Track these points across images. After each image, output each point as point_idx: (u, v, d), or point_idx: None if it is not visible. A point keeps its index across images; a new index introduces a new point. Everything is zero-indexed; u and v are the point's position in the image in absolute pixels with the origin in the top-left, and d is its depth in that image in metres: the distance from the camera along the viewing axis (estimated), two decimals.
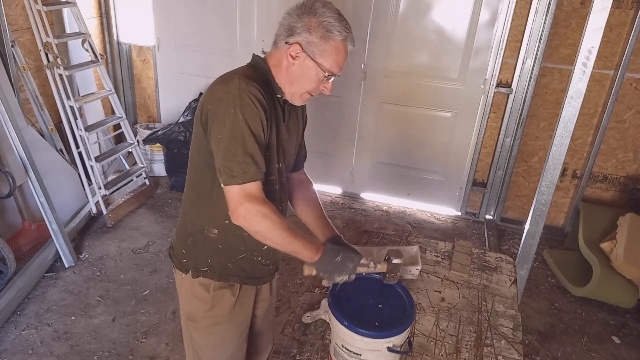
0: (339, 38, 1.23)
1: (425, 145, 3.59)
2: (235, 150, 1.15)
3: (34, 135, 3.01)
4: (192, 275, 1.40)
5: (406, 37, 3.31)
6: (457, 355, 1.39)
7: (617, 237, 2.85)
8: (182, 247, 1.41)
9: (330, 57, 1.25)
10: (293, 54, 1.24)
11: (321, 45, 1.23)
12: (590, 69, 1.82)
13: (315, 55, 1.24)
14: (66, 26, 3.37)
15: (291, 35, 1.24)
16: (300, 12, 1.24)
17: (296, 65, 1.26)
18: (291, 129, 1.41)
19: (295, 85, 1.29)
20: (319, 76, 1.27)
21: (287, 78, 1.29)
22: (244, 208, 1.17)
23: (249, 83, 1.20)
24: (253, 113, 1.17)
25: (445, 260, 1.82)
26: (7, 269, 2.62)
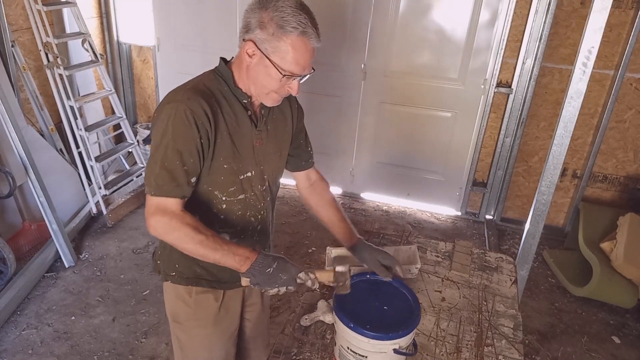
0: (295, 33, 1.13)
1: (425, 145, 3.59)
2: (155, 163, 1.15)
3: (34, 135, 3.01)
4: (163, 279, 1.41)
5: (406, 37, 3.31)
6: (457, 355, 1.38)
7: (617, 237, 2.85)
8: (157, 250, 1.43)
9: (286, 55, 1.15)
10: (249, 52, 1.17)
11: (274, 42, 1.14)
12: (590, 69, 1.82)
13: (269, 53, 1.16)
14: (66, 26, 3.37)
15: (247, 32, 1.17)
16: (257, 6, 1.16)
17: (254, 64, 1.19)
18: (271, 133, 1.34)
19: (257, 86, 1.22)
20: (278, 76, 1.18)
21: (248, 79, 1.23)
22: (153, 219, 1.16)
23: (192, 97, 1.15)
24: (184, 130, 1.14)
25: (446, 260, 1.82)
26: (7, 269, 2.62)
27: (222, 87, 1.24)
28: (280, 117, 1.39)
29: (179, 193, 1.17)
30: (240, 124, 1.26)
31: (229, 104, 1.24)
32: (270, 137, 1.35)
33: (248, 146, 1.28)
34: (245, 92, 1.25)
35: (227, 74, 1.25)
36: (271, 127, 1.35)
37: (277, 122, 1.37)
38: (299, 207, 3.63)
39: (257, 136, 1.30)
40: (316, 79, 4.02)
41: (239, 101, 1.25)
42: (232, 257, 1.17)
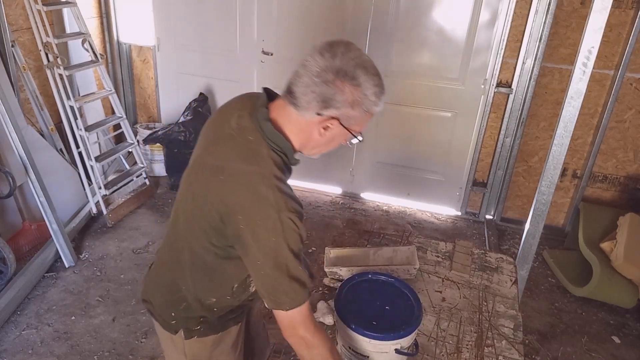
0: (380, 107, 1.10)
1: (425, 145, 3.59)
2: (280, 280, 1.06)
3: (34, 135, 3.01)
4: (184, 337, 1.28)
5: (406, 37, 3.31)
6: (457, 355, 1.39)
7: (617, 237, 2.85)
8: (170, 310, 1.28)
9: (365, 122, 1.12)
10: (328, 125, 1.08)
11: (361, 116, 1.09)
12: (590, 69, 1.82)
13: (351, 125, 1.09)
14: (66, 26, 3.37)
15: (326, 108, 1.05)
16: (335, 77, 1.04)
17: (328, 134, 1.11)
18: None
19: (320, 148, 1.16)
20: (348, 139, 1.14)
21: (310, 145, 1.14)
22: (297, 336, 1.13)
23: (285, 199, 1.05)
24: (295, 236, 1.05)
25: (446, 261, 1.82)
26: (7, 269, 2.62)
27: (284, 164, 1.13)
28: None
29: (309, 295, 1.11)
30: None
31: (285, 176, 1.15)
32: None
33: None
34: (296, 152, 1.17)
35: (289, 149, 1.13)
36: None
37: None
38: None
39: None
40: None
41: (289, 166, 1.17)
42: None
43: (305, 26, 3.45)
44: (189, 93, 3.87)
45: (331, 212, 3.62)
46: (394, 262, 1.71)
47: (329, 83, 1.04)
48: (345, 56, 1.07)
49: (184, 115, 3.68)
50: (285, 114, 1.11)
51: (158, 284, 1.32)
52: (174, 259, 1.25)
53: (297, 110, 1.08)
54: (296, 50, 3.53)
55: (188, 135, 3.55)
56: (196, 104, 3.70)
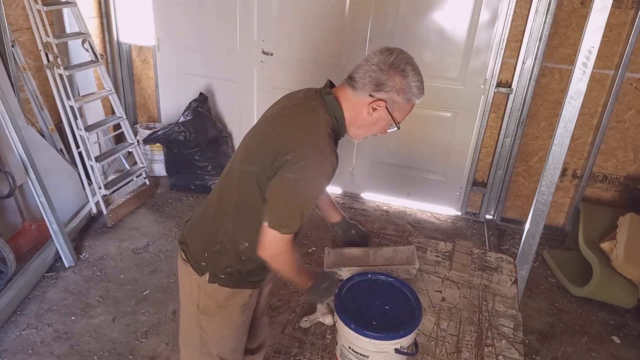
0: (418, 96, 1.32)
1: (425, 145, 3.59)
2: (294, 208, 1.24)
3: (34, 135, 3.01)
4: (208, 280, 1.44)
5: (406, 37, 3.31)
6: (457, 355, 1.39)
7: (617, 237, 2.85)
8: (204, 251, 1.44)
9: (405, 113, 1.35)
10: (376, 107, 1.30)
11: (403, 104, 1.31)
12: (590, 68, 1.82)
13: (394, 111, 1.32)
14: (66, 26, 3.37)
15: (378, 90, 1.29)
16: (389, 67, 1.29)
17: (374, 115, 1.32)
18: None
19: (363, 130, 1.37)
20: (388, 126, 1.36)
21: (358, 123, 1.35)
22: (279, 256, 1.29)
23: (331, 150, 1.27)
24: (324, 185, 1.30)
25: (446, 260, 1.82)
26: (7, 269, 2.62)
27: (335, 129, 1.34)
28: None
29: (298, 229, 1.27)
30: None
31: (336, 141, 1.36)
32: None
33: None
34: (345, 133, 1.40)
35: (341, 116, 1.35)
36: None
37: None
38: None
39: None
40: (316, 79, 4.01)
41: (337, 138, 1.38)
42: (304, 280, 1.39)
43: (305, 26, 3.45)
44: (189, 93, 3.88)
45: None
46: (394, 262, 1.71)
47: (383, 71, 1.29)
48: (399, 56, 1.31)
49: (184, 115, 3.68)
50: (344, 94, 1.35)
51: (199, 227, 1.49)
52: (219, 205, 1.43)
53: (354, 91, 1.32)
54: (296, 50, 3.53)
55: (188, 135, 3.55)
56: (196, 104, 3.70)
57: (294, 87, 1.43)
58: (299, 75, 3.57)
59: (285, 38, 3.52)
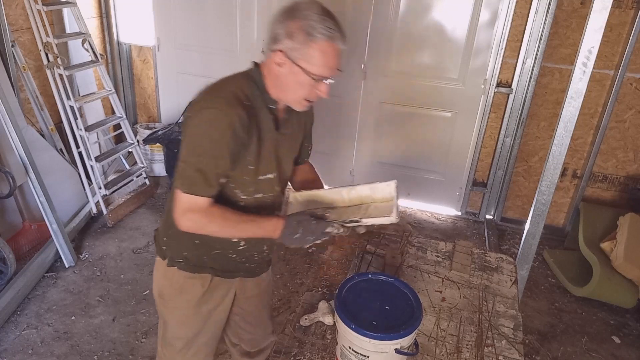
0: (323, 39, 1.19)
1: (425, 145, 3.59)
2: (189, 165, 1.21)
3: (34, 135, 3.01)
4: (167, 264, 1.45)
5: (406, 37, 3.31)
6: (457, 355, 1.39)
7: (617, 237, 2.85)
8: (164, 235, 1.46)
9: (316, 60, 1.21)
10: (278, 61, 1.22)
11: (304, 49, 1.20)
12: (590, 68, 1.82)
13: (299, 60, 1.21)
14: (66, 26, 3.37)
15: (274, 43, 1.23)
16: (283, 17, 1.21)
17: (284, 72, 1.24)
18: (287, 136, 1.40)
19: (288, 93, 1.28)
20: (308, 81, 1.23)
21: (278, 86, 1.28)
22: (185, 218, 1.23)
23: (232, 105, 1.20)
24: (222, 138, 1.19)
25: (446, 261, 1.82)
26: (7, 269, 2.62)
27: (255, 93, 1.28)
28: (297, 121, 1.44)
29: (210, 193, 1.23)
30: (266, 128, 1.31)
31: (259, 108, 1.28)
32: (287, 140, 1.40)
33: (271, 149, 1.34)
34: (274, 98, 1.30)
35: (260, 80, 1.29)
36: (288, 131, 1.40)
37: (294, 127, 1.43)
38: None
39: (278, 139, 1.35)
40: None
41: (267, 106, 1.30)
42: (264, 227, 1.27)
43: None
44: (189, 93, 3.83)
45: None
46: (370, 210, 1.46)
47: (276, 22, 1.22)
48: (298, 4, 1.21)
49: (184, 115, 3.68)
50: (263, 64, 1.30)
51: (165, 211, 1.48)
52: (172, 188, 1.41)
53: (265, 57, 1.28)
54: None
55: None
56: None
57: None
58: None
59: None
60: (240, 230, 1.29)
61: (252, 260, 1.50)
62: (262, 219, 1.29)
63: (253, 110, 1.25)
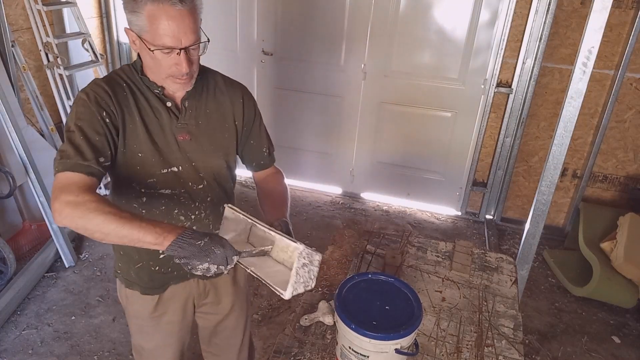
0: (147, 3, 1.06)
1: (425, 145, 3.59)
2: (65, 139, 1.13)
3: (34, 135, 3.01)
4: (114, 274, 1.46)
5: (406, 37, 3.31)
6: (457, 355, 1.39)
7: (617, 237, 2.85)
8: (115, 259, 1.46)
9: (151, 29, 1.08)
10: (132, 39, 1.14)
11: (136, 19, 1.09)
12: (590, 68, 1.82)
13: (141, 33, 1.10)
14: (66, 26, 3.37)
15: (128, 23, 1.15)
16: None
17: (141, 50, 1.15)
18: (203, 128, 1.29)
19: (153, 72, 1.19)
20: (157, 55, 1.12)
21: (147, 67, 1.20)
22: (57, 202, 1.03)
23: (96, 82, 1.18)
24: (86, 109, 1.13)
25: (446, 261, 1.82)
26: (7, 269, 2.62)
27: (134, 77, 1.23)
28: (217, 112, 1.33)
29: (86, 169, 1.09)
30: (158, 114, 1.23)
31: (143, 93, 1.22)
32: (203, 133, 1.30)
33: (170, 139, 1.25)
34: (155, 82, 1.22)
35: (138, 63, 1.23)
36: (204, 121, 1.30)
37: (212, 118, 1.32)
38: (299, 207, 3.63)
39: (181, 130, 1.26)
40: (316, 79, 4.02)
41: (152, 91, 1.23)
42: (152, 229, 1.02)
43: (305, 26, 3.45)
44: None
45: (331, 212, 3.62)
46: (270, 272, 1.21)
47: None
48: None
49: None
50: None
51: None
52: None
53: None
54: (296, 51, 3.53)
55: None
56: None
57: (294, 87, 1.43)
58: (299, 75, 3.58)
59: (286, 38, 3.52)
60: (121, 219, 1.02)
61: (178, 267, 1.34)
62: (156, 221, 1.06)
63: (130, 91, 1.20)
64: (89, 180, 1.09)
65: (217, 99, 1.33)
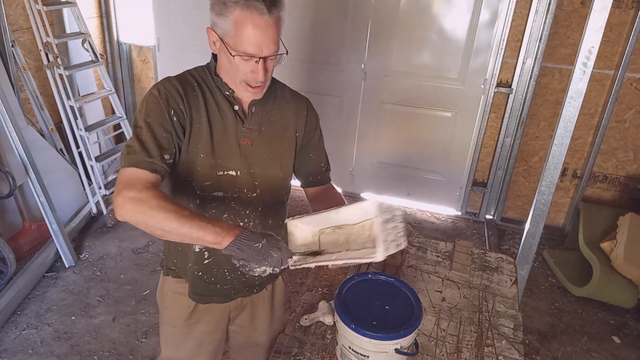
0: (237, 8, 1.06)
1: (425, 145, 3.59)
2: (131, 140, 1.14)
3: (34, 135, 3.01)
4: (163, 273, 1.44)
5: (406, 37, 3.31)
6: (457, 355, 1.38)
7: (617, 237, 2.85)
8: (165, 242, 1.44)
9: (235, 34, 1.08)
10: (212, 39, 1.15)
11: (222, 23, 1.10)
12: (590, 68, 1.82)
13: (224, 36, 1.11)
14: (66, 26, 3.37)
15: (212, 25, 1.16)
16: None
17: (219, 51, 1.16)
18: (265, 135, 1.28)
19: (227, 75, 1.20)
20: (236, 60, 1.12)
21: (222, 68, 1.20)
22: (120, 196, 1.04)
23: (168, 80, 1.20)
24: (156, 106, 1.15)
25: (446, 260, 1.82)
26: (8, 269, 2.62)
27: (207, 77, 1.24)
28: (280, 122, 1.31)
29: (151, 166, 1.10)
30: (224, 116, 1.23)
31: (213, 94, 1.23)
32: (265, 140, 1.28)
33: (232, 142, 1.24)
34: (227, 84, 1.22)
35: (212, 64, 1.24)
36: (267, 129, 1.28)
37: (275, 127, 1.30)
38: (299, 208, 3.62)
39: (244, 134, 1.25)
40: (316, 79, 4.02)
41: (222, 93, 1.23)
42: (211, 228, 1.03)
43: (305, 26, 3.45)
44: None
45: None
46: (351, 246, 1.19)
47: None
48: None
49: None
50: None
51: None
52: None
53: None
54: (296, 50, 3.52)
55: None
56: None
57: (294, 87, 1.42)
58: (299, 75, 3.58)
59: (285, 38, 3.51)
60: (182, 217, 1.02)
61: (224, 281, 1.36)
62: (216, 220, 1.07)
63: (201, 91, 1.21)
64: (152, 177, 1.10)
65: (282, 109, 1.32)
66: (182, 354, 1.49)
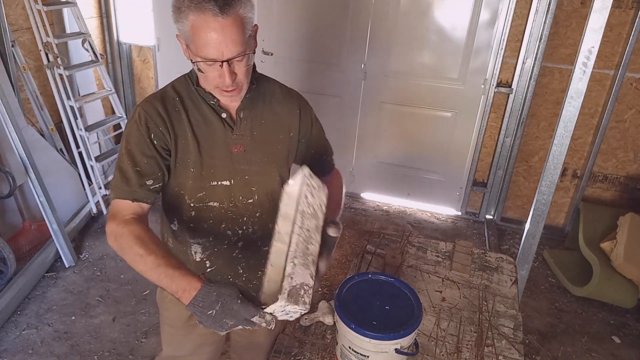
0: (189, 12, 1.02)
1: (425, 145, 3.59)
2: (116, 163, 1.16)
3: (34, 135, 3.01)
4: None
5: (406, 37, 3.31)
6: (457, 355, 1.39)
7: (618, 237, 2.85)
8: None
9: (194, 39, 1.05)
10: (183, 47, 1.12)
11: (182, 29, 1.07)
12: (590, 68, 1.82)
13: (187, 42, 1.08)
14: (66, 26, 3.37)
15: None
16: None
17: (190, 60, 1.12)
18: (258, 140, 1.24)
19: (202, 81, 1.16)
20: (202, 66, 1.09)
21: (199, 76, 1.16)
22: (106, 227, 1.11)
23: (149, 100, 1.17)
24: (135, 132, 1.13)
25: (446, 260, 1.82)
26: (8, 269, 2.62)
27: (189, 89, 1.21)
28: (272, 124, 1.27)
29: (131, 195, 1.12)
30: (211, 127, 1.19)
31: (197, 106, 1.19)
32: (258, 144, 1.24)
33: (222, 152, 1.21)
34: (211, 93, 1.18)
35: (194, 74, 1.19)
36: (259, 133, 1.24)
37: (268, 129, 1.26)
38: None
39: (236, 141, 1.21)
40: (316, 79, 4.03)
41: (207, 103, 1.19)
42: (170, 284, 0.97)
43: (305, 26, 3.45)
44: None
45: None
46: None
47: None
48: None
49: None
50: None
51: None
52: None
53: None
54: (296, 50, 3.53)
55: None
56: None
57: (294, 87, 1.42)
58: (299, 75, 3.58)
59: (286, 38, 3.52)
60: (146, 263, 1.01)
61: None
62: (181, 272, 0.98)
63: (183, 105, 1.17)
64: (135, 206, 1.12)
65: (274, 109, 1.27)
66: (183, 353, 1.50)
